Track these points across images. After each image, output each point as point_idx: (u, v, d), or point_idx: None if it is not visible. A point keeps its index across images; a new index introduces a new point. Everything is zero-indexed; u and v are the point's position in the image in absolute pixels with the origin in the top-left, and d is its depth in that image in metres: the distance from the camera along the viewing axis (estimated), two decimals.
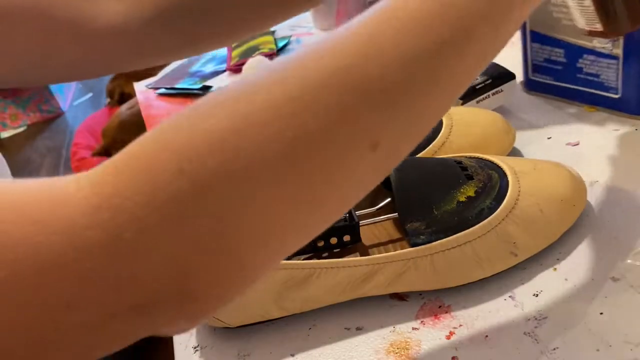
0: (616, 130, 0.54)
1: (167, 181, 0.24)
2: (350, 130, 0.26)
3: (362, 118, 0.26)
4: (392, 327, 0.41)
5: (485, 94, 0.57)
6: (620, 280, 0.39)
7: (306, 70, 0.26)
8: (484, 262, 0.41)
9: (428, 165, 0.45)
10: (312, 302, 0.42)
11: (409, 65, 0.27)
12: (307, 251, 0.44)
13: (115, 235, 0.23)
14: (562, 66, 0.58)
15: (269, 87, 0.26)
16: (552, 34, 0.57)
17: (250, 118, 0.25)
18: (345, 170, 0.27)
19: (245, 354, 0.42)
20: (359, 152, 0.27)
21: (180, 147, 0.24)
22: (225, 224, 0.24)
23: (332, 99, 0.26)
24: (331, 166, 0.26)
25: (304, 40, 0.94)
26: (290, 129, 0.25)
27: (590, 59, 0.55)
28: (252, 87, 0.26)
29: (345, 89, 0.26)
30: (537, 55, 0.59)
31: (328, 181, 0.27)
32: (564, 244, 0.43)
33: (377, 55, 0.27)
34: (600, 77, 0.55)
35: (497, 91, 0.58)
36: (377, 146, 0.27)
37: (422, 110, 0.29)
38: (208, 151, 0.24)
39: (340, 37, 0.27)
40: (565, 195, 0.43)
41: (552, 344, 0.37)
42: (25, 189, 0.25)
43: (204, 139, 0.24)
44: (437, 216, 0.42)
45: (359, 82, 0.26)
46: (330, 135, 0.26)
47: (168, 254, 0.24)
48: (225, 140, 0.24)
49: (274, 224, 0.26)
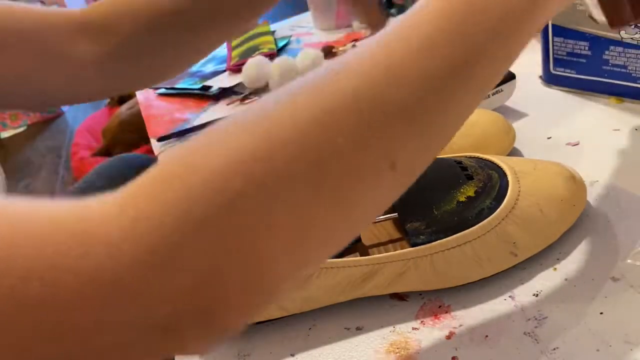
0: (616, 130, 0.54)
1: (201, 198, 0.24)
2: (371, 151, 0.27)
3: (382, 138, 0.27)
4: (392, 327, 0.41)
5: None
6: (620, 280, 0.39)
7: (323, 92, 0.27)
8: (484, 262, 0.41)
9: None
10: (312, 302, 0.42)
11: (425, 86, 0.28)
12: None
13: (152, 253, 0.24)
14: (586, 59, 0.58)
15: (292, 109, 0.27)
16: (575, 27, 0.57)
17: (277, 139, 0.26)
18: (366, 188, 0.28)
19: (245, 354, 0.42)
20: (379, 171, 0.28)
21: (213, 166, 0.25)
22: (256, 245, 0.25)
23: (352, 121, 0.27)
24: (354, 185, 0.27)
25: (303, 40, 0.94)
26: (314, 150, 0.26)
27: (617, 50, 0.55)
28: (277, 109, 0.27)
29: (364, 110, 0.27)
30: (559, 49, 0.60)
31: (350, 199, 0.27)
32: (564, 244, 0.43)
33: (395, 76, 0.27)
34: (628, 68, 0.55)
35: (497, 91, 0.58)
36: (395, 165, 0.28)
37: (438, 129, 0.30)
38: (239, 171, 0.25)
39: (357, 58, 0.28)
40: (565, 195, 0.43)
41: (552, 344, 0.37)
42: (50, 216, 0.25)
43: (235, 159, 0.25)
44: (437, 216, 0.42)
45: (378, 103, 0.27)
46: (351, 155, 0.27)
47: (203, 268, 0.24)
48: (255, 160, 0.25)
49: (300, 241, 0.27)
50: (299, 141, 0.26)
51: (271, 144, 0.26)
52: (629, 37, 0.54)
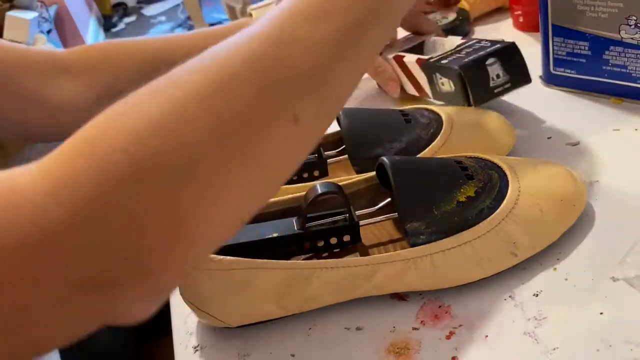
0: (616, 130, 0.54)
1: (115, 162, 0.27)
2: (274, 107, 0.31)
3: (283, 96, 0.31)
4: (392, 327, 0.41)
5: (495, 98, 0.57)
6: (620, 280, 0.39)
7: (229, 59, 0.30)
8: (484, 262, 0.41)
9: (428, 165, 0.45)
10: (312, 302, 0.42)
11: (318, 51, 0.32)
12: (307, 251, 0.44)
13: (75, 212, 0.26)
14: (586, 59, 0.58)
15: (199, 73, 0.30)
16: (575, 27, 0.57)
17: (184, 102, 0.29)
18: (274, 141, 0.31)
19: (245, 354, 0.42)
20: (283, 125, 0.31)
21: (126, 131, 0.27)
22: (172, 198, 0.27)
23: (255, 81, 0.30)
24: (261, 138, 0.30)
25: None
26: (221, 110, 0.29)
27: (617, 50, 0.55)
28: (186, 74, 0.30)
29: (267, 71, 0.31)
30: (559, 49, 0.60)
31: (259, 152, 0.30)
32: (564, 244, 0.43)
33: (291, 42, 0.32)
34: (628, 68, 0.55)
35: (508, 92, 0.58)
36: (299, 119, 0.31)
37: (335, 87, 0.34)
38: (151, 134, 0.28)
39: (264, 26, 0.32)
40: (565, 195, 0.43)
41: (552, 344, 0.37)
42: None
43: (146, 123, 0.28)
44: (437, 216, 0.42)
45: (279, 65, 0.31)
46: (255, 112, 0.30)
47: (122, 228, 0.27)
48: (165, 122, 0.28)
49: (215, 195, 0.29)
50: (207, 102, 0.29)
51: (180, 105, 0.29)
52: (629, 37, 0.54)
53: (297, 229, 0.43)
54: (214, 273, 0.40)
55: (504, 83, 0.57)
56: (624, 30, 0.54)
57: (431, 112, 0.56)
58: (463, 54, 0.59)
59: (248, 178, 0.30)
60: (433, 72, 0.60)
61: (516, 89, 0.57)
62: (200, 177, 0.28)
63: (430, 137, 0.52)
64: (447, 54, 0.60)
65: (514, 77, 0.57)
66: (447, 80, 0.58)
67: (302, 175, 0.54)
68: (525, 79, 0.58)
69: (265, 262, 0.40)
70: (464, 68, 0.55)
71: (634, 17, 0.52)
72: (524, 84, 0.57)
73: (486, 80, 0.56)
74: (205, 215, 0.29)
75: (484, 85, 0.56)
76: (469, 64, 0.56)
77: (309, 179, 0.55)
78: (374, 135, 0.52)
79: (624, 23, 0.53)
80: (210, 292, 0.41)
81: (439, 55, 0.60)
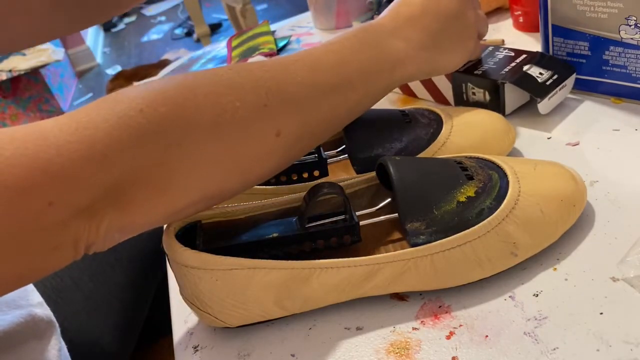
0: (616, 130, 0.54)
1: (131, 117, 0.34)
2: (264, 117, 0.40)
3: (273, 114, 0.40)
4: (392, 327, 0.41)
5: (554, 91, 0.57)
6: (620, 280, 0.39)
7: (240, 76, 0.40)
8: (484, 262, 0.41)
9: (428, 165, 0.45)
10: (312, 302, 0.42)
11: (312, 88, 0.43)
12: (307, 251, 0.44)
13: (91, 146, 0.33)
14: (586, 59, 0.58)
15: (214, 76, 0.39)
16: (575, 27, 0.57)
17: (195, 90, 0.37)
18: (255, 143, 0.39)
19: (245, 354, 0.42)
20: (266, 135, 0.40)
21: (143, 97, 0.35)
22: (167, 153, 0.35)
23: (255, 96, 0.39)
24: (246, 136, 0.39)
25: (303, 40, 0.94)
26: (223, 104, 0.38)
27: (617, 50, 0.55)
28: (203, 76, 0.39)
29: (265, 92, 0.40)
30: (559, 50, 0.60)
31: (241, 145, 0.39)
32: (564, 244, 0.43)
33: (292, 77, 0.42)
34: (628, 68, 0.55)
35: (563, 86, 0.58)
36: (280, 133, 0.40)
37: (319, 120, 0.44)
38: (162, 102, 0.36)
39: (278, 62, 0.43)
40: (565, 195, 0.43)
41: (552, 344, 0.37)
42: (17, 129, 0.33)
43: (161, 95, 0.36)
44: (437, 216, 0.42)
45: (277, 92, 0.40)
46: (245, 117, 0.38)
47: (125, 168, 0.34)
48: (176, 98, 0.36)
49: (195, 163, 0.37)
50: (213, 96, 0.38)
51: (191, 91, 0.37)
52: (629, 37, 0.54)
53: (297, 229, 0.43)
54: (214, 273, 0.40)
55: (551, 76, 0.57)
56: (624, 31, 0.54)
57: (431, 112, 0.56)
58: (491, 64, 0.61)
59: (223, 162, 0.38)
60: (463, 81, 0.61)
61: (566, 79, 0.58)
62: (188, 144, 0.36)
63: (430, 137, 0.52)
64: (475, 64, 0.61)
65: (557, 70, 0.58)
66: (482, 91, 0.59)
67: (302, 175, 0.54)
68: (568, 68, 0.59)
69: (265, 262, 0.40)
70: (507, 79, 0.57)
71: (634, 17, 0.52)
72: (570, 73, 0.58)
73: (533, 79, 0.57)
74: (182, 173, 0.36)
75: (533, 83, 0.57)
76: (507, 75, 0.58)
77: (309, 179, 0.55)
78: (374, 135, 0.52)
79: (624, 23, 0.53)
80: (210, 292, 0.41)
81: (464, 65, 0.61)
